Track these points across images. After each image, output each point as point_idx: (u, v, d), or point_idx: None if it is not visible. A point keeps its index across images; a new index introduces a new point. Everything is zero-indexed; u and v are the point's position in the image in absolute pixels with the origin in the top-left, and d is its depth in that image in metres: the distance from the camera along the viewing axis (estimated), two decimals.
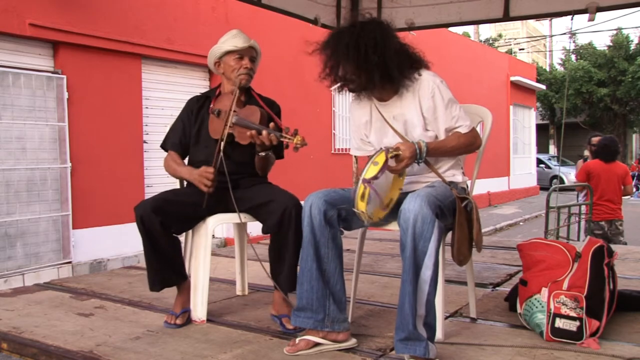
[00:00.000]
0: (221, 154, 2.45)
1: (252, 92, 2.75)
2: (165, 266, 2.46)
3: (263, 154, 2.47)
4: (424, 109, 2.26)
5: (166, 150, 2.74)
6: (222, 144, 2.45)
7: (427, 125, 2.28)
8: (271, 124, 2.38)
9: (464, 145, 2.28)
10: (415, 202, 1.95)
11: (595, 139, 6.39)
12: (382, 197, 2.06)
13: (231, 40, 2.65)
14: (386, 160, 2.01)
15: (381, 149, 2.05)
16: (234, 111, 2.48)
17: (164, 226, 2.36)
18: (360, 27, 2.19)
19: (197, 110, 2.72)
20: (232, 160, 2.55)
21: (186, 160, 2.74)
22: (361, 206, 1.97)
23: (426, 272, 1.94)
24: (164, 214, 2.37)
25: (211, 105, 2.66)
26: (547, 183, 20.40)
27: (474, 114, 2.56)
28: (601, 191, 5.76)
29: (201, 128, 2.67)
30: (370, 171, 1.98)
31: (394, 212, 2.17)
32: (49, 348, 2.22)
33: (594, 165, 5.88)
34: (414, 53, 2.30)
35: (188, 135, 2.70)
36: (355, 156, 3.13)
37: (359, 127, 2.44)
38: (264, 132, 2.35)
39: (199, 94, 2.83)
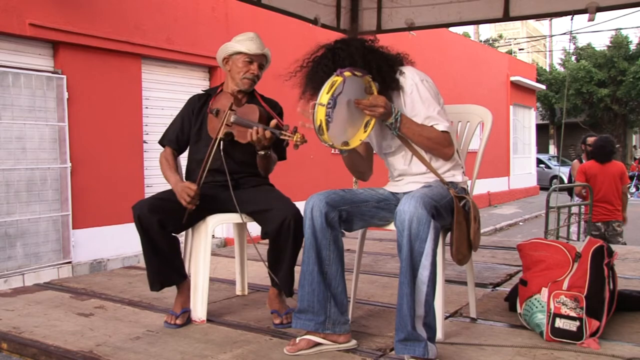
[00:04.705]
0: (221, 153, 2.46)
1: (255, 93, 2.76)
2: (165, 265, 2.46)
3: (262, 152, 2.48)
4: (406, 104, 2.26)
5: (163, 146, 2.75)
6: (221, 143, 2.46)
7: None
8: (272, 122, 2.38)
9: (435, 140, 2.21)
10: (410, 203, 1.95)
11: (590, 139, 6.30)
12: (341, 123, 2.07)
13: (246, 42, 2.65)
14: (351, 75, 2.02)
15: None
16: (233, 110, 2.49)
17: (162, 225, 2.37)
18: (319, 60, 2.19)
19: (198, 108, 2.73)
20: (233, 160, 2.56)
21: (185, 154, 2.75)
22: (321, 112, 1.95)
23: (423, 273, 1.94)
24: (162, 213, 2.37)
25: (210, 104, 2.67)
26: (547, 183, 20.38)
27: (474, 114, 2.56)
28: (597, 192, 5.74)
29: (202, 126, 2.67)
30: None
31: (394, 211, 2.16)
32: (49, 348, 2.22)
33: (590, 167, 5.85)
34: (389, 56, 2.27)
35: (186, 132, 2.71)
36: None
37: None
38: (264, 130, 2.36)
39: (201, 92, 2.83)
